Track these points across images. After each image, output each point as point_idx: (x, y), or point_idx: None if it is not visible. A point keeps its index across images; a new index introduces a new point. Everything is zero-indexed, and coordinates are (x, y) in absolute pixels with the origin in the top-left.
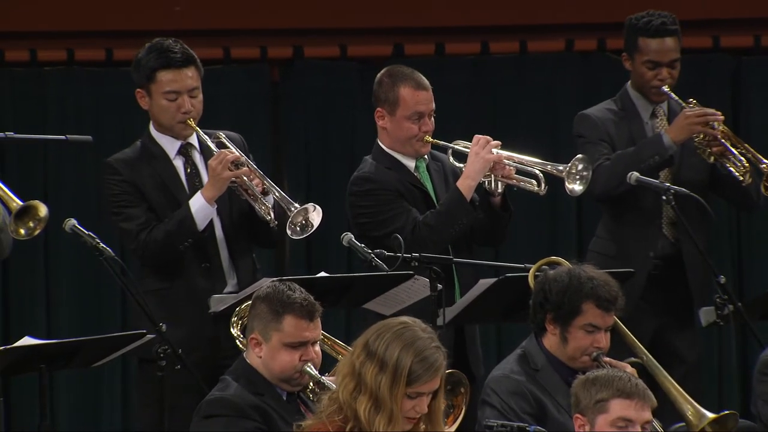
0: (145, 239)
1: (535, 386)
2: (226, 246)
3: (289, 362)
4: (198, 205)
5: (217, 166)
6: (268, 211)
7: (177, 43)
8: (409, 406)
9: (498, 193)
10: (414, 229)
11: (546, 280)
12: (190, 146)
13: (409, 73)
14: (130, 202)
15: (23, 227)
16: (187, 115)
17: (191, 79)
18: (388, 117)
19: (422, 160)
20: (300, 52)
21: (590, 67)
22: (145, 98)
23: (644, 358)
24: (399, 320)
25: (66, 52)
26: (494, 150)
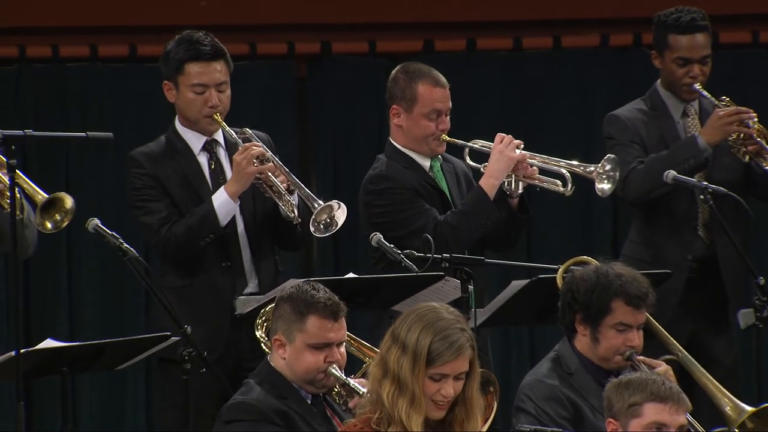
0: (166, 234)
1: (569, 390)
2: (248, 246)
3: (314, 364)
4: (221, 200)
5: (242, 161)
6: (292, 208)
7: (207, 36)
8: (434, 389)
9: (516, 194)
10: (435, 230)
11: (573, 279)
12: (215, 142)
13: (426, 70)
14: (152, 197)
15: (50, 220)
16: (213, 110)
17: (220, 73)
18: (404, 114)
19: (437, 159)
20: (328, 47)
21: (626, 62)
22: (172, 91)
23: (680, 355)
24: (426, 304)
25: (88, 47)
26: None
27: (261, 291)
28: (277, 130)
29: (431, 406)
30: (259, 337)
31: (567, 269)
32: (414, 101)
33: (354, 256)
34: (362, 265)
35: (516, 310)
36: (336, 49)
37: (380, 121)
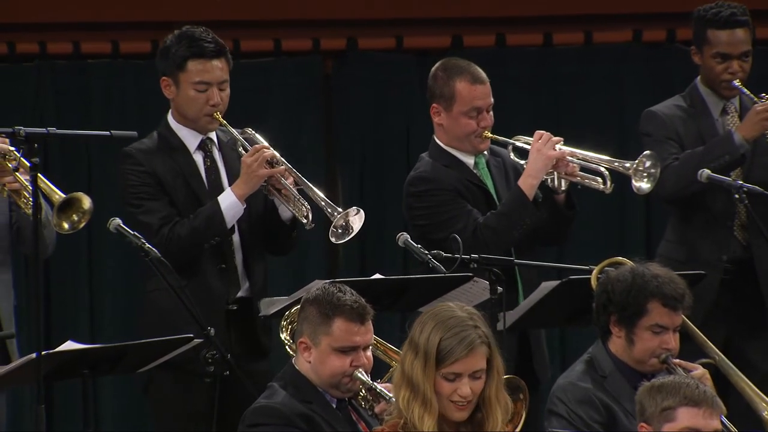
0: (168, 235)
1: (603, 393)
2: (241, 248)
3: (340, 367)
4: (228, 202)
5: (252, 163)
6: (306, 213)
7: (208, 33)
8: (450, 389)
9: (561, 190)
10: (475, 232)
11: (608, 280)
12: (210, 141)
13: (464, 66)
14: (150, 195)
15: (67, 221)
16: (215, 108)
17: (221, 70)
18: (444, 113)
19: (481, 156)
20: (354, 43)
21: (659, 58)
22: (171, 87)
23: (716, 358)
24: (441, 304)
25: (110, 44)
26: (557, 146)
27: (253, 294)
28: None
29: (452, 407)
30: (283, 339)
31: (602, 270)
32: (453, 99)
33: (380, 257)
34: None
35: (546, 312)
36: (362, 45)
37: (408, 118)
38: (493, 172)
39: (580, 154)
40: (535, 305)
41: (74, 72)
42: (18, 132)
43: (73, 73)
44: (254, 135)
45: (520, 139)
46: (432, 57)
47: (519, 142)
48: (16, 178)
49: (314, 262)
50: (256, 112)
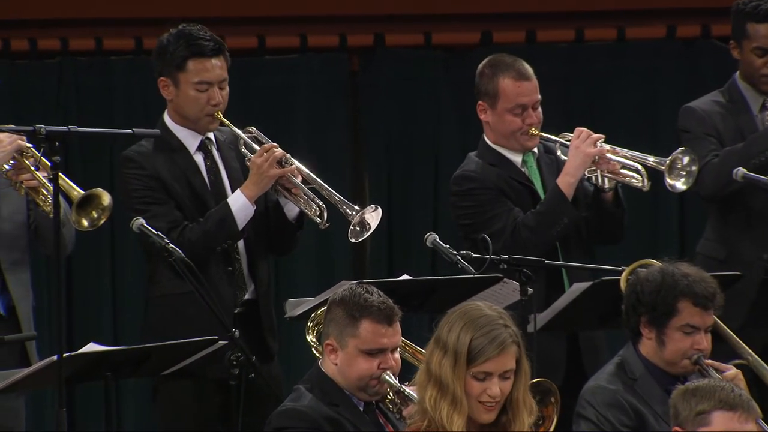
0: (179, 239)
1: (633, 396)
2: (245, 250)
3: (367, 370)
4: (239, 204)
5: (262, 164)
6: (320, 212)
7: (205, 30)
8: (480, 389)
9: (607, 189)
10: (514, 231)
11: (638, 280)
12: (209, 141)
13: (510, 63)
14: (155, 199)
15: (86, 218)
16: (216, 108)
17: (221, 69)
18: (489, 110)
19: (530, 154)
20: (381, 40)
21: (693, 55)
22: (170, 87)
23: (750, 359)
24: (467, 303)
25: (134, 40)
26: (598, 144)
27: (258, 297)
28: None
29: (480, 408)
30: (309, 341)
31: (632, 272)
32: (497, 97)
33: (408, 258)
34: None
35: (577, 314)
36: (390, 42)
37: (436, 116)
38: (544, 170)
39: (621, 151)
40: (567, 307)
41: (97, 69)
42: (38, 130)
43: (95, 70)
44: (258, 133)
45: (565, 136)
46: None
47: (564, 139)
48: (33, 176)
49: (341, 263)
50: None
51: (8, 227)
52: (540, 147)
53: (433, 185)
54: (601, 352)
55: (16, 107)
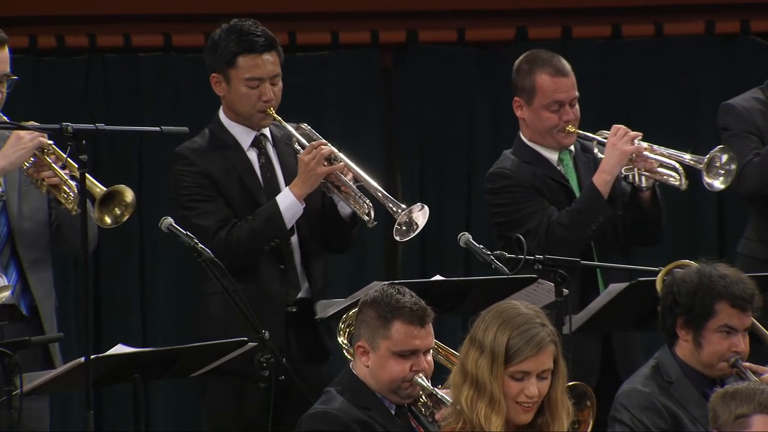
0: (227, 238)
1: (669, 399)
2: (299, 248)
3: (399, 372)
4: (287, 203)
5: (310, 161)
6: (367, 210)
7: (257, 26)
8: (517, 389)
9: (644, 187)
10: (548, 230)
11: (674, 282)
12: (263, 137)
13: (548, 58)
14: (205, 196)
15: (109, 215)
16: (268, 104)
17: (273, 65)
18: (526, 107)
19: (566, 152)
20: (414, 36)
21: (733, 51)
22: (222, 84)
23: None
24: (503, 302)
25: (162, 36)
26: (635, 141)
27: (312, 296)
28: (360, 123)
29: (517, 409)
30: (341, 343)
31: (668, 273)
32: (533, 92)
33: (441, 258)
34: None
35: (614, 315)
36: (423, 38)
37: (469, 114)
38: (580, 168)
39: (658, 149)
40: (603, 308)
41: (125, 66)
42: (65, 128)
43: (123, 66)
44: (310, 130)
45: (602, 133)
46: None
47: (601, 137)
48: (55, 173)
49: (372, 263)
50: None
51: (29, 226)
52: (577, 145)
53: (466, 184)
54: (635, 354)
55: (43, 105)
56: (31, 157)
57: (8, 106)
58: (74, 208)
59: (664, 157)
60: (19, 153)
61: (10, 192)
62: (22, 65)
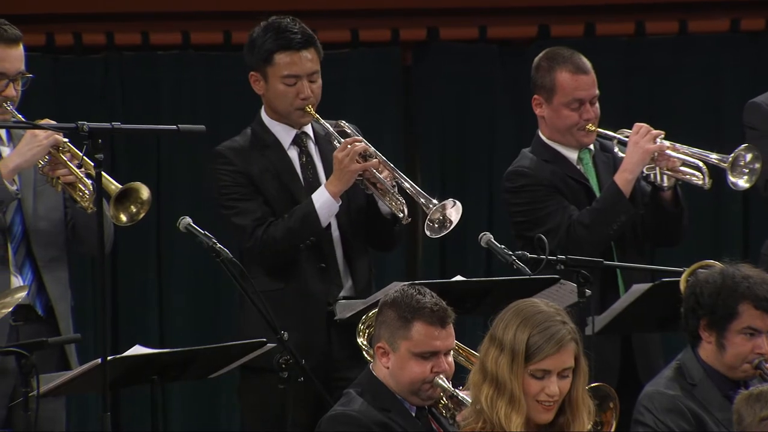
0: (263, 236)
1: (692, 402)
2: (341, 245)
3: (419, 374)
4: (322, 200)
5: (344, 158)
6: (401, 207)
7: (295, 23)
8: (538, 388)
9: (666, 187)
10: (569, 229)
11: (697, 283)
12: (305, 135)
13: (568, 56)
14: (243, 195)
15: (124, 213)
16: (306, 102)
17: (311, 62)
18: (545, 105)
19: (586, 151)
20: (435, 33)
21: (759, 48)
22: (260, 82)
23: None
24: (523, 300)
25: (181, 34)
26: (657, 140)
27: (355, 294)
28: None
29: (537, 408)
30: (360, 344)
31: (692, 273)
32: (553, 90)
33: (462, 258)
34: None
35: (637, 316)
36: (444, 36)
37: (491, 112)
38: (600, 168)
39: (681, 148)
40: (626, 309)
41: (143, 64)
42: (81, 127)
43: (141, 65)
44: (348, 127)
45: (623, 132)
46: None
47: (622, 136)
48: (70, 171)
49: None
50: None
51: (45, 225)
52: (596, 144)
53: (487, 183)
54: (654, 355)
55: (60, 103)
56: (46, 155)
57: (25, 105)
58: (90, 206)
59: (687, 155)
60: (34, 151)
61: (26, 191)
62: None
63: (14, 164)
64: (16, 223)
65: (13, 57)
